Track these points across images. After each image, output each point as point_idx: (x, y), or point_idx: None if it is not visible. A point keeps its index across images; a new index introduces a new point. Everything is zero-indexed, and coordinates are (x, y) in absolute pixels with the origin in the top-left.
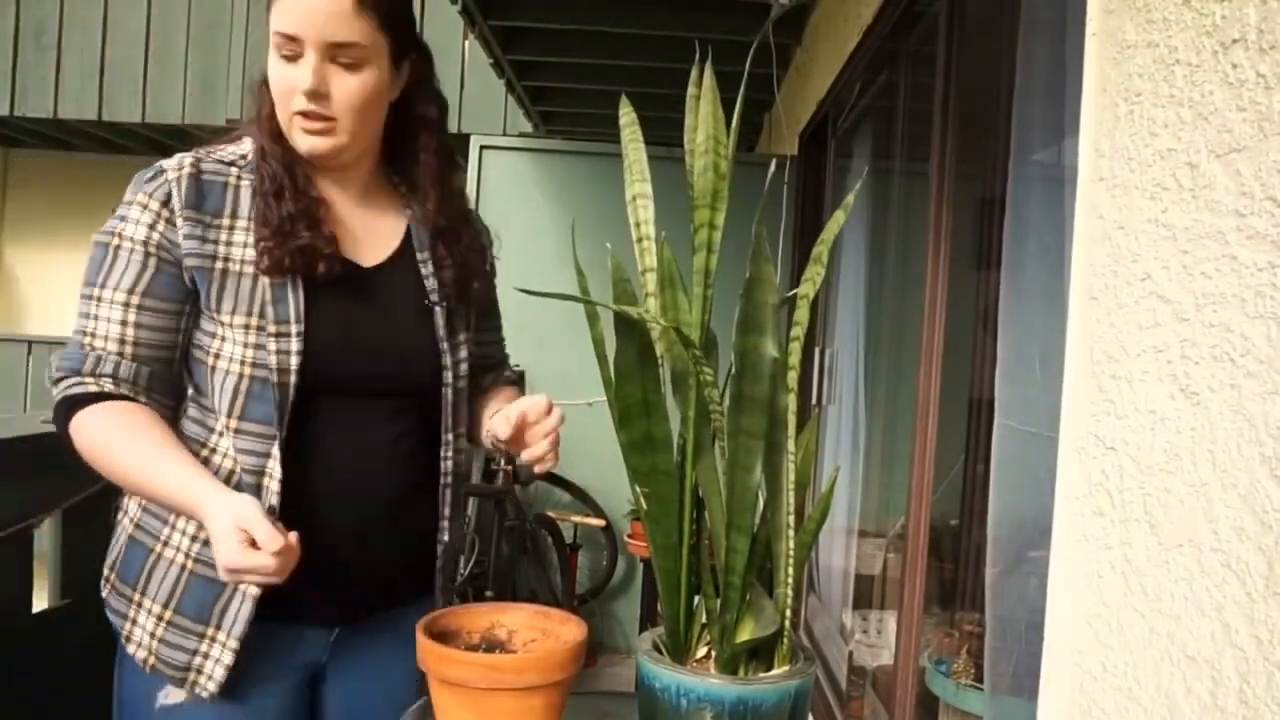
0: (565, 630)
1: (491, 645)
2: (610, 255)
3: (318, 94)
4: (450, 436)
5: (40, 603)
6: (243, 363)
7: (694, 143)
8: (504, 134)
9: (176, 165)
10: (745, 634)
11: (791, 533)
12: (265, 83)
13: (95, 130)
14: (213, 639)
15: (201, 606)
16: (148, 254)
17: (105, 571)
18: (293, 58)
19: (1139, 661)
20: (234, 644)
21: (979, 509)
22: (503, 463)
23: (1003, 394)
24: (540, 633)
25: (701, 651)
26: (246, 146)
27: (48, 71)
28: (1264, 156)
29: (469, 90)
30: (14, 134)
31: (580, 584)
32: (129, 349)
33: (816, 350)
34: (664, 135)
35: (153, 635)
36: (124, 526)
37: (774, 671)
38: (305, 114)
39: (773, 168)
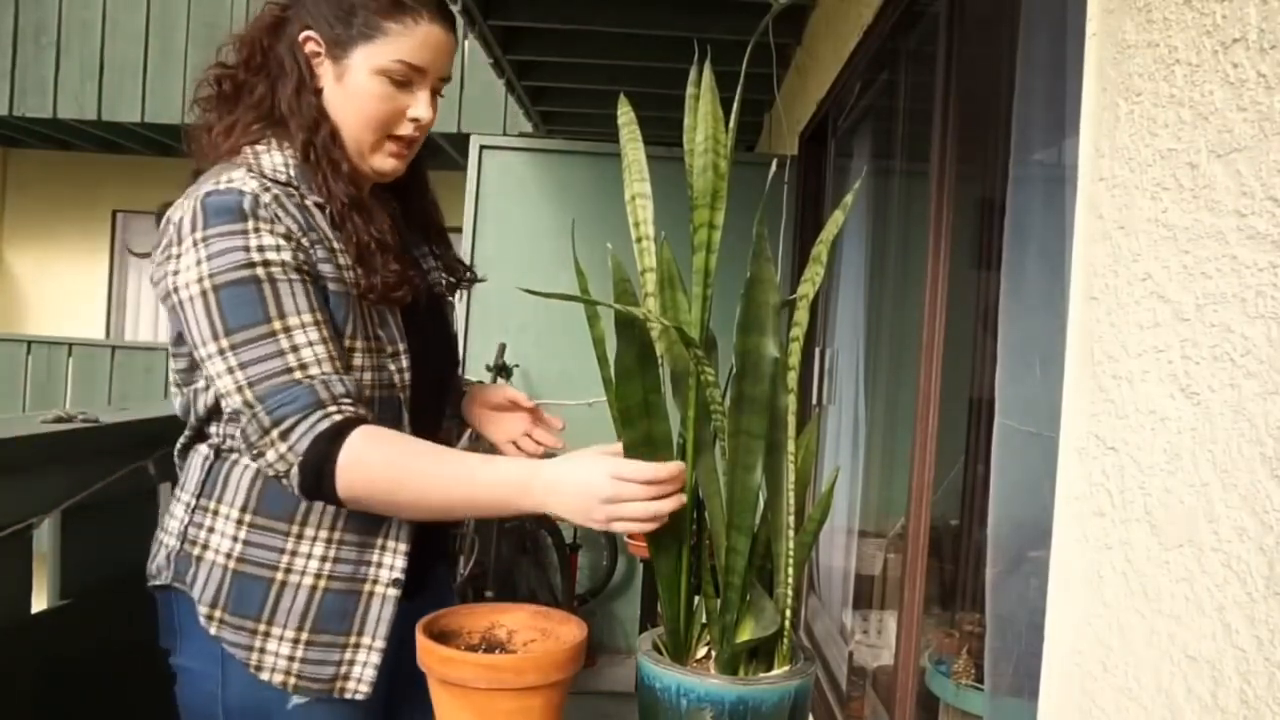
0: (565, 630)
1: (491, 645)
2: (610, 255)
3: (429, 124)
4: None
5: (40, 603)
6: (371, 385)
7: (693, 142)
8: (504, 134)
9: (251, 191)
10: (745, 634)
11: (791, 533)
12: (324, 110)
13: (95, 130)
14: (357, 645)
15: (343, 618)
16: (302, 276)
17: (208, 610)
18: (405, 85)
19: (1139, 661)
20: (380, 644)
21: (979, 509)
22: None
23: (1003, 394)
24: (540, 633)
25: (701, 651)
26: (277, 159)
27: (47, 71)
28: (1264, 156)
29: (469, 90)
30: (14, 134)
31: (580, 584)
32: (338, 364)
33: (816, 350)
34: (664, 135)
35: (291, 658)
36: (215, 564)
37: (774, 671)
38: (403, 139)
39: (773, 167)
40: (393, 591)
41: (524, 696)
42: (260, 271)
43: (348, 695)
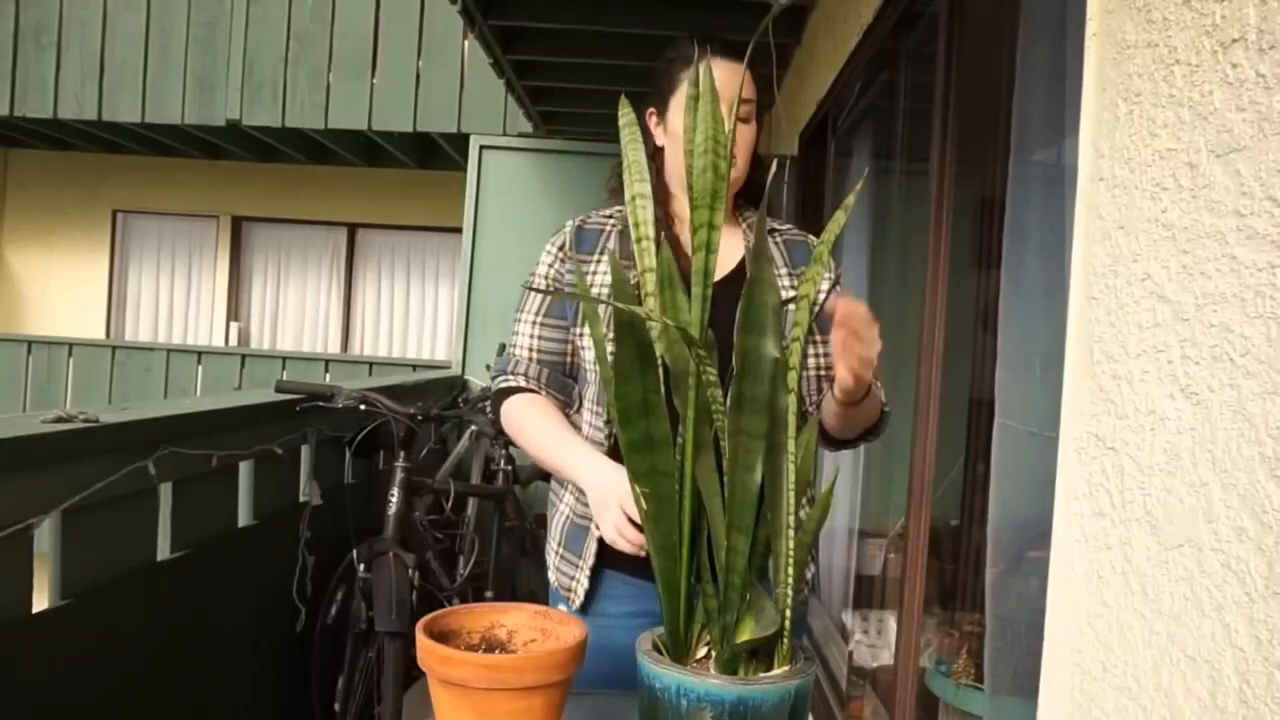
0: (565, 630)
1: (491, 645)
2: (610, 255)
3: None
4: None
5: (40, 603)
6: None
7: (693, 143)
8: (504, 134)
9: (572, 221)
10: (745, 634)
11: (791, 533)
12: (651, 155)
13: (95, 130)
14: (580, 568)
15: (577, 544)
16: (547, 286)
17: None
18: None
19: (1139, 661)
20: (589, 571)
21: (979, 509)
22: (502, 463)
23: (1003, 394)
24: (540, 633)
25: (701, 651)
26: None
27: (48, 71)
28: (1264, 156)
29: (469, 90)
30: (14, 134)
31: None
32: (535, 355)
33: None
34: None
35: (555, 564)
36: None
37: (774, 671)
38: None
39: (773, 168)
40: (596, 533)
41: (524, 696)
42: (533, 280)
43: (571, 603)
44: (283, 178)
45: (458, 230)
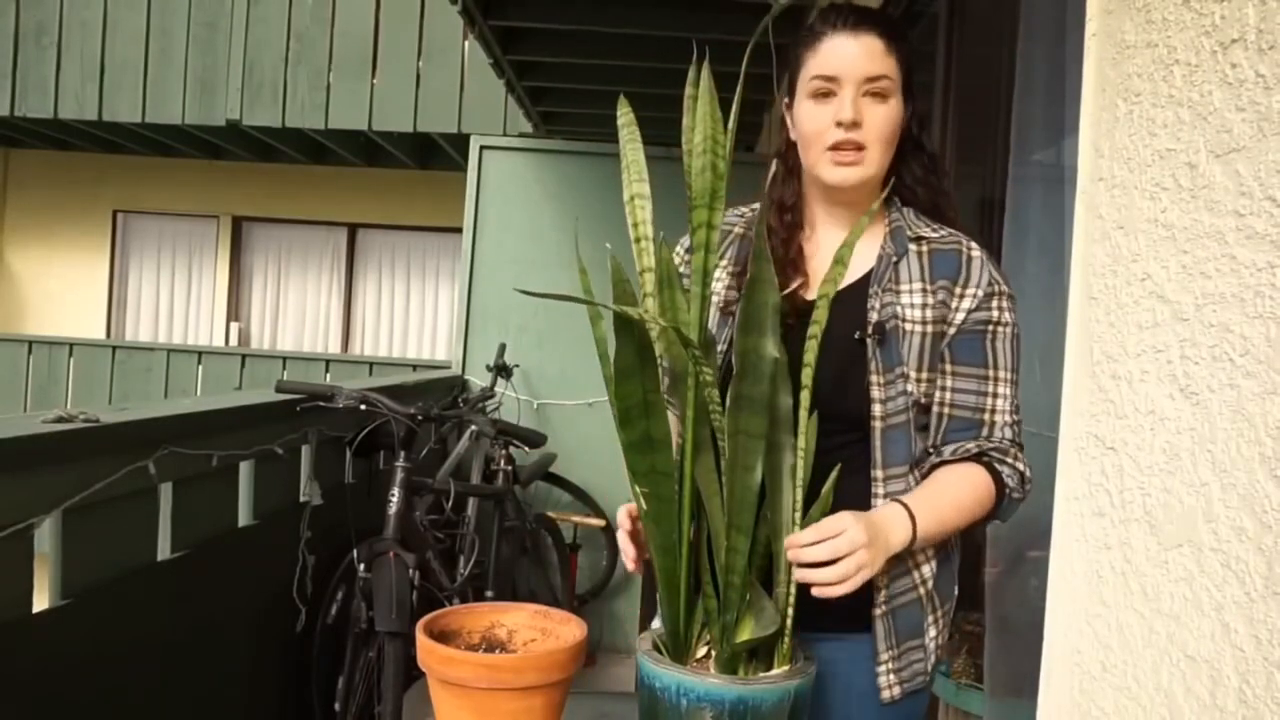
0: (565, 630)
1: (491, 645)
2: (610, 256)
3: (855, 123)
4: (879, 474)
5: (40, 603)
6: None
7: (691, 143)
8: (504, 134)
9: None
10: (745, 634)
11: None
12: (786, 156)
13: (95, 130)
14: None
15: None
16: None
17: None
18: (827, 95)
19: (1138, 661)
20: None
21: None
22: (502, 463)
23: None
24: (540, 633)
25: (701, 651)
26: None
27: (48, 71)
28: (1263, 156)
29: (469, 90)
30: (14, 134)
31: (580, 584)
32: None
33: None
34: (665, 135)
35: None
36: None
37: (774, 671)
38: (839, 146)
39: (773, 167)
40: None
41: (524, 696)
42: None
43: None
44: (283, 178)
45: (458, 230)
